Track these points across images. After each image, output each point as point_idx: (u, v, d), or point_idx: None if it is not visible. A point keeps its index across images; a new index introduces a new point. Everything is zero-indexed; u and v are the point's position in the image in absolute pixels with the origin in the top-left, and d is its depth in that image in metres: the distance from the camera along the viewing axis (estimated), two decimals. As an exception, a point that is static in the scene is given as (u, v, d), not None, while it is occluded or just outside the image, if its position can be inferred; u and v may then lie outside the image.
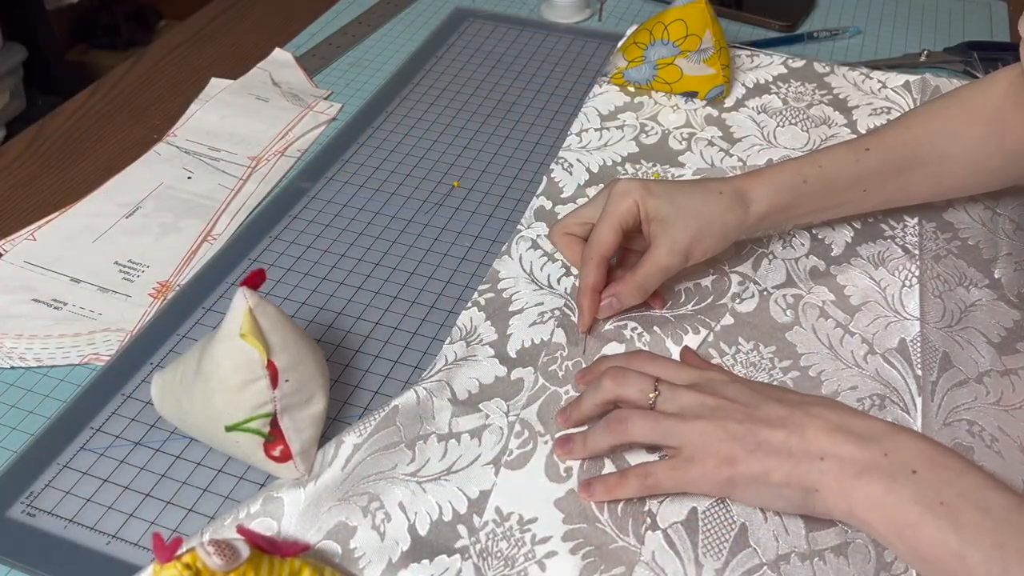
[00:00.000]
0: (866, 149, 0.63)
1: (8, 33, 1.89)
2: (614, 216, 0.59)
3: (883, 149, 0.63)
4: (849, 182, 0.63)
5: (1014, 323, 0.62)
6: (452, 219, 0.73)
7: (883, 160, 0.63)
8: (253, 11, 1.03)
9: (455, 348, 0.60)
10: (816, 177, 0.62)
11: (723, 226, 0.60)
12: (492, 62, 0.93)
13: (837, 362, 0.59)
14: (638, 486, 0.50)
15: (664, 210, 0.59)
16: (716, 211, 0.60)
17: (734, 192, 0.61)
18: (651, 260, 0.59)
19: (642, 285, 0.60)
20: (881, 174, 0.63)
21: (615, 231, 0.59)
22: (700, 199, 0.60)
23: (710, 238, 0.60)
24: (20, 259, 0.68)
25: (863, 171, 0.63)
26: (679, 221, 0.59)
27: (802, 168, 0.62)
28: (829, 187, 0.62)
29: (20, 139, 0.82)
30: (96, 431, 0.56)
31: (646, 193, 0.59)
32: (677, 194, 0.60)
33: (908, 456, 0.45)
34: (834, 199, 0.63)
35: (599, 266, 0.59)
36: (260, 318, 0.50)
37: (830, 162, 0.63)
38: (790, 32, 0.97)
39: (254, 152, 0.80)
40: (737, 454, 0.47)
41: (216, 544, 0.40)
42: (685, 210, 0.59)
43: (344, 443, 0.54)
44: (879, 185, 0.64)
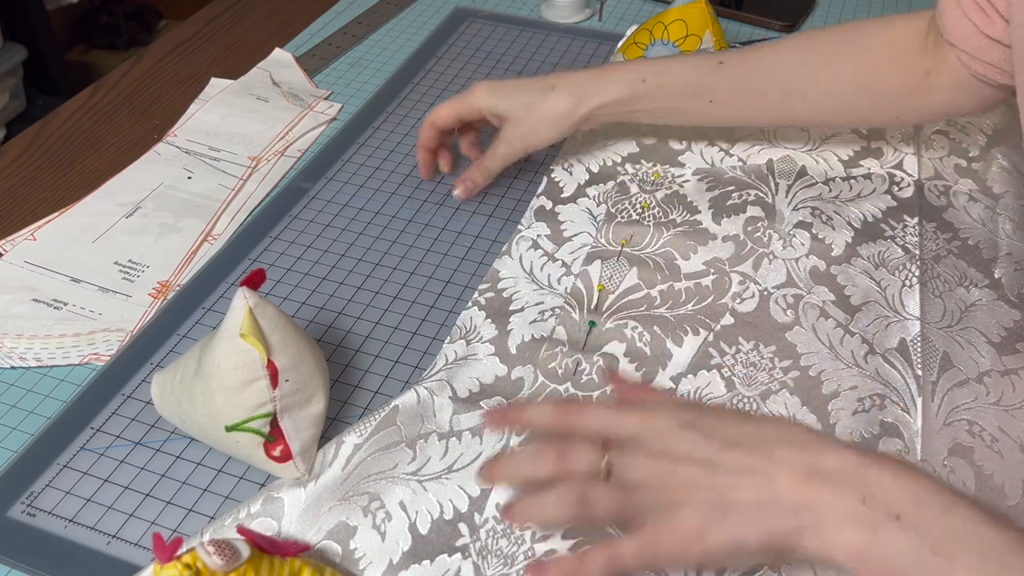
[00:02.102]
0: (720, 62, 0.67)
1: (8, 33, 1.89)
2: (455, 101, 0.71)
3: (736, 67, 0.67)
4: (694, 90, 0.67)
5: (1014, 323, 0.62)
6: (452, 219, 0.73)
7: (734, 75, 0.67)
8: (253, 11, 1.03)
9: (455, 347, 0.60)
10: (656, 80, 0.67)
11: (555, 116, 0.68)
12: (492, 62, 0.93)
13: (837, 362, 0.59)
14: (604, 568, 0.44)
15: (501, 106, 0.69)
16: (550, 105, 0.68)
17: (570, 85, 0.68)
18: (491, 149, 0.71)
19: (488, 168, 0.71)
20: (730, 89, 0.67)
21: (449, 110, 0.71)
22: (534, 95, 0.68)
23: (543, 128, 0.68)
24: (20, 259, 0.68)
25: (711, 83, 0.67)
26: (515, 115, 0.69)
27: (645, 69, 0.68)
28: (669, 89, 0.67)
29: (20, 139, 0.82)
30: (96, 431, 0.56)
31: (488, 91, 0.69)
32: (517, 91, 0.69)
33: (888, 497, 0.40)
34: (673, 102, 0.68)
35: (428, 129, 0.72)
36: (260, 318, 0.50)
37: (676, 67, 0.68)
38: (790, 32, 0.97)
39: (254, 152, 0.80)
40: (707, 527, 0.43)
41: (216, 544, 0.40)
42: (520, 105, 0.68)
43: (344, 443, 0.54)
44: (727, 99, 0.68)
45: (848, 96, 0.67)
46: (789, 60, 0.67)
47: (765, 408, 0.56)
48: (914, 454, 0.54)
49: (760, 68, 0.67)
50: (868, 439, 0.55)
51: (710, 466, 0.44)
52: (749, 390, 0.57)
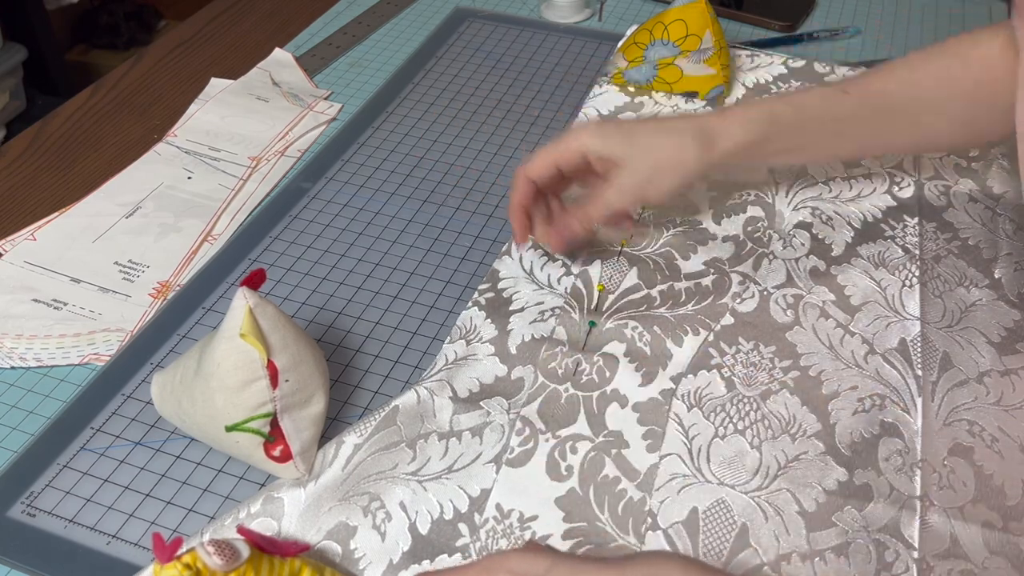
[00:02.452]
0: (844, 92, 0.62)
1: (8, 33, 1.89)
2: (553, 150, 0.59)
3: (861, 95, 0.62)
4: (823, 123, 0.61)
5: (1014, 323, 0.62)
6: (452, 219, 0.73)
7: (860, 105, 0.62)
8: (253, 11, 1.03)
9: (455, 347, 0.60)
10: (788, 116, 0.60)
11: (682, 165, 0.58)
12: (492, 62, 0.93)
13: (837, 362, 0.59)
14: None
15: (617, 151, 0.58)
16: (674, 150, 0.58)
17: (697, 130, 0.59)
18: (600, 196, 0.59)
19: (591, 219, 0.61)
20: (858, 119, 0.62)
21: (546, 160, 0.59)
22: (658, 139, 0.58)
23: (666, 178, 0.58)
24: (20, 259, 0.68)
25: (839, 113, 0.61)
26: (633, 162, 0.58)
27: (775, 105, 0.61)
28: (801, 127, 0.61)
29: (20, 139, 0.82)
30: (96, 431, 0.56)
31: (597, 134, 0.58)
32: (634, 134, 0.58)
33: None
34: (805, 139, 0.62)
35: (523, 186, 0.60)
36: (260, 318, 0.50)
37: (804, 101, 0.61)
38: (790, 32, 0.97)
39: (254, 152, 0.80)
40: None
41: (216, 544, 0.40)
42: (639, 150, 0.58)
43: (344, 443, 0.54)
44: (854, 130, 0.62)
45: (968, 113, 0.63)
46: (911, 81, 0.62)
47: (765, 408, 0.56)
48: (914, 454, 0.54)
49: (884, 94, 0.62)
50: (868, 439, 0.55)
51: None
52: (749, 390, 0.57)
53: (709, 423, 0.55)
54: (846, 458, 0.54)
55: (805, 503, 0.51)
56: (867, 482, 0.52)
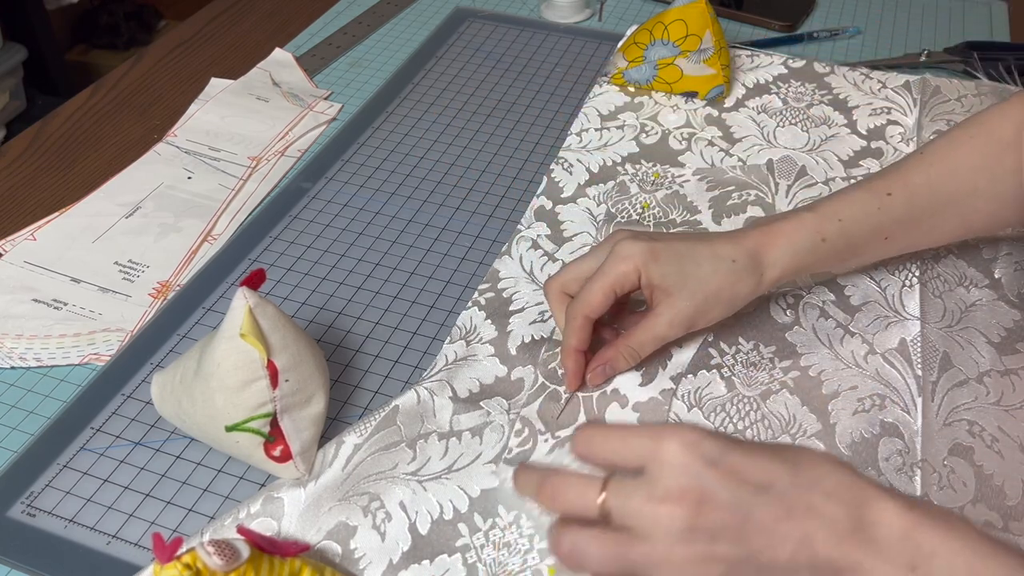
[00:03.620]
0: (888, 194, 0.58)
1: (8, 33, 1.89)
2: (608, 278, 0.55)
3: (906, 193, 0.59)
4: (871, 233, 0.58)
5: (1014, 323, 0.62)
6: (452, 219, 0.73)
7: (907, 205, 0.58)
8: (253, 11, 1.03)
9: (455, 347, 0.60)
10: (836, 234, 0.57)
11: (732, 296, 0.56)
12: (492, 62, 0.93)
13: (837, 362, 0.59)
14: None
15: (669, 279, 0.54)
16: (726, 282, 0.55)
17: (748, 258, 0.56)
18: (649, 328, 0.55)
19: (636, 352, 0.56)
20: (905, 221, 0.59)
21: (606, 294, 0.55)
22: (710, 268, 0.55)
23: (717, 309, 0.56)
24: (20, 259, 0.68)
25: (885, 220, 0.58)
26: (685, 292, 0.54)
27: (822, 225, 0.57)
28: (850, 242, 0.58)
29: (20, 139, 0.82)
30: (96, 431, 0.56)
31: (650, 259, 0.54)
32: (685, 261, 0.55)
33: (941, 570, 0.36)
34: (854, 252, 0.59)
35: (583, 328, 0.55)
36: (260, 318, 0.50)
37: (850, 214, 0.58)
38: (790, 32, 0.97)
39: (254, 152, 0.80)
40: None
41: (216, 544, 0.40)
42: (692, 280, 0.55)
43: (344, 443, 0.54)
44: (903, 232, 0.59)
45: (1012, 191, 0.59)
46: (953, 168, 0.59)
47: (765, 408, 0.56)
48: (914, 454, 0.54)
49: (929, 188, 0.59)
50: (868, 439, 0.55)
51: (737, 517, 0.37)
52: (749, 390, 0.57)
53: (709, 423, 0.55)
54: (846, 458, 0.54)
55: (805, 503, 0.51)
56: (867, 482, 0.52)
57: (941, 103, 0.82)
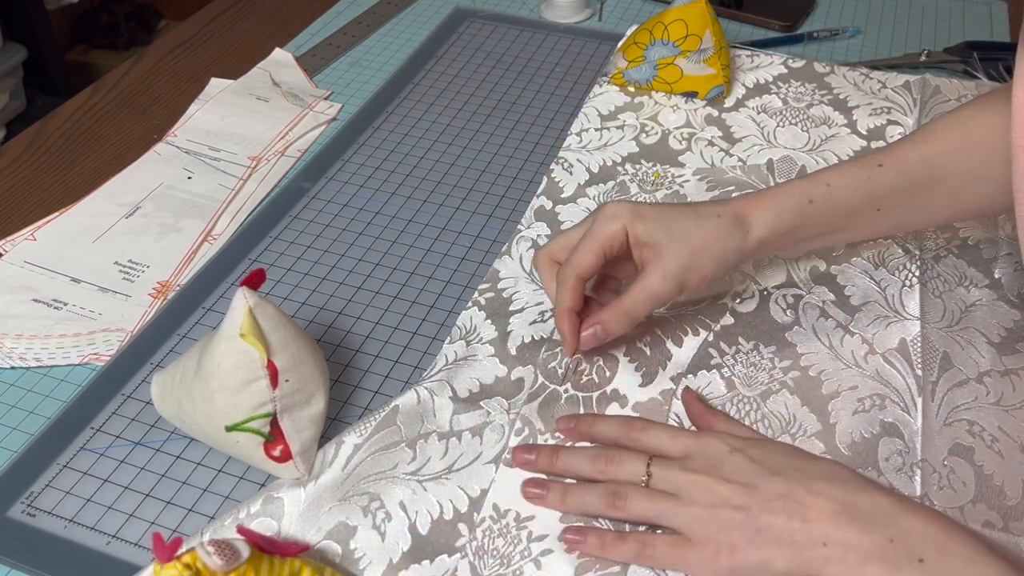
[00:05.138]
0: (879, 165, 0.58)
1: (8, 33, 1.89)
2: (597, 238, 0.55)
3: (898, 165, 0.59)
4: (860, 202, 0.58)
5: (1014, 323, 0.62)
6: (452, 219, 0.73)
7: (898, 177, 0.58)
8: (253, 11, 1.03)
9: (455, 348, 0.60)
10: (823, 197, 0.57)
11: (721, 251, 0.56)
12: (492, 62, 0.93)
13: (837, 362, 0.59)
14: (634, 554, 0.47)
15: (656, 235, 0.55)
16: (713, 235, 0.55)
17: (732, 215, 0.56)
18: (641, 287, 0.55)
19: (629, 313, 0.55)
20: (896, 193, 0.58)
21: (595, 253, 0.55)
22: (695, 223, 0.56)
23: (707, 264, 0.55)
24: (20, 259, 0.68)
25: (876, 189, 0.58)
26: (672, 246, 0.55)
27: (808, 188, 0.58)
28: (837, 208, 0.58)
29: (20, 139, 0.82)
30: (96, 431, 0.56)
31: (636, 216, 0.55)
32: (671, 218, 0.56)
33: (915, 542, 0.43)
34: (843, 220, 0.59)
35: (575, 288, 0.56)
36: (260, 318, 0.50)
37: (839, 181, 0.58)
38: (790, 32, 0.97)
39: (254, 152, 0.80)
40: (736, 542, 0.45)
41: (216, 544, 0.40)
42: (680, 235, 0.55)
43: (344, 443, 0.54)
44: (893, 205, 0.59)
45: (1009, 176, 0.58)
46: (948, 146, 0.59)
47: (765, 408, 0.56)
48: (914, 454, 0.54)
49: (923, 162, 0.59)
50: (868, 439, 0.55)
51: (748, 489, 0.46)
52: (749, 390, 0.57)
53: (709, 423, 0.55)
54: (846, 458, 0.54)
55: (805, 503, 0.51)
56: (867, 482, 0.52)
57: (941, 103, 0.82)
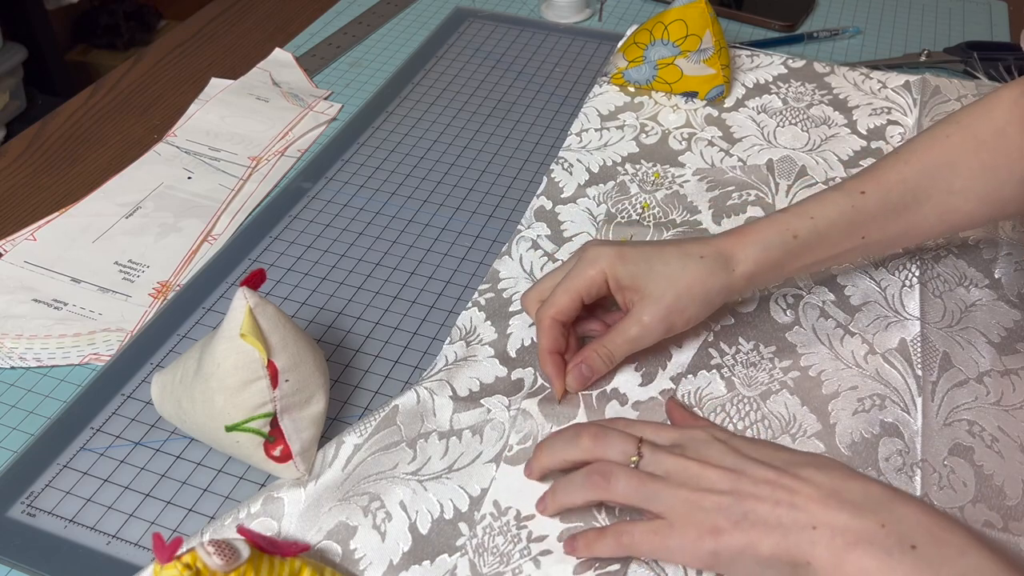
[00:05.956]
0: (861, 192, 0.58)
1: (8, 33, 1.89)
2: (574, 283, 0.56)
3: (880, 190, 0.58)
4: (845, 231, 0.58)
5: (1014, 323, 0.62)
6: (452, 219, 0.73)
7: (881, 202, 0.58)
8: (253, 11, 1.03)
9: (455, 348, 0.60)
10: (808, 230, 0.57)
11: (705, 292, 0.55)
12: (492, 62, 0.93)
13: (837, 362, 0.59)
14: (614, 545, 0.47)
15: (639, 279, 0.55)
16: (697, 277, 0.55)
17: (716, 255, 0.56)
18: (621, 330, 0.56)
19: (613, 353, 0.56)
20: (880, 218, 0.58)
21: (571, 296, 0.55)
22: (679, 264, 0.55)
23: (692, 307, 0.55)
24: (20, 259, 0.68)
25: (860, 217, 0.58)
26: (656, 290, 0.55)
27: (791, 222, 0.57)
28: (823, 239, 0.57)
29: (20, 139, 0.82)
30: (96, 431, 0.56)
31: (617, 260, 0.55)
32: (654, 260, 0.55)
33: (907, 528, 0.42)
34: (830, 251, 0.58)
35: (551, 328, 0.56)
36: (260, 318, 0.50)
37: (822, 212, 0.57)
38: (790, 32, 0.97)
39: (254, 152, 0.80)
40: (721, 525, 0.44)
41: (216, 544, 0.40)
42: (663, 278, 0.55)
43: (344, 443, 0.54)
44: (879, 230, 0.59)
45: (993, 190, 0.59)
46: (929, 166, 0.59)
47: (765, 408, 0.56)
48: (914, 454, 0.54)
49: (904, 184, 0.58)
50: (868, 439, 0.55)
51: (735, 474, 0.46)
52: (749, 390, 0.57)
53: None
54: (846, 458, 0.54)
55: (805, 503, 0.51)
56: (867, 482, 0.52)
57: (941, 103, 0.82)
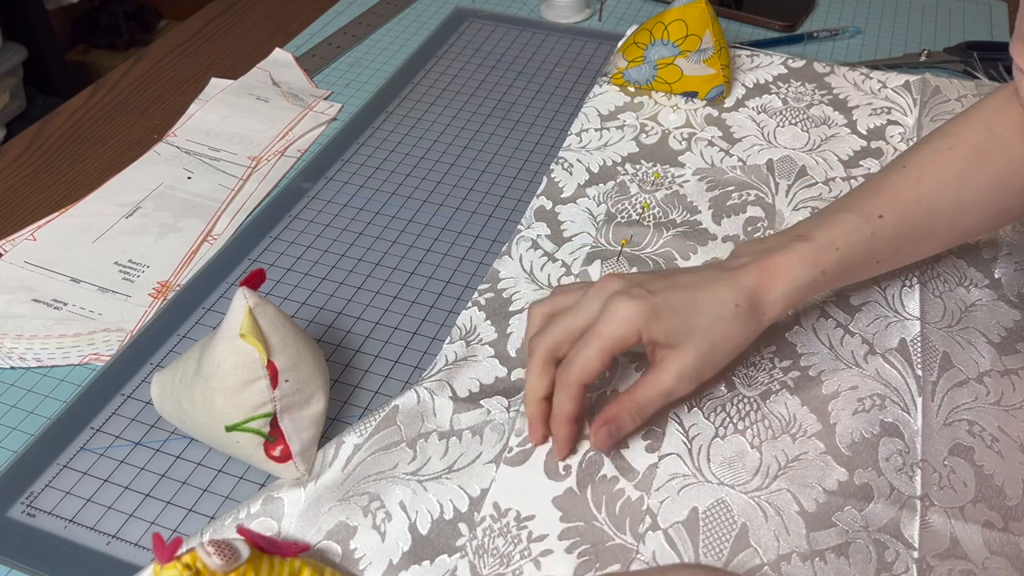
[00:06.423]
0: (879, 216, 0.57)
1: (8, 33, 1.89)
2: (607, 342, 0.51)
3: (897, 213, 0.58)
4: (865, 259, 0.57)
5: (1014, 323, 0.62)
6: (452, 219, 0.73)
7: (897, 226, 0.58)
8: (253, 11, 1.03)
9: (455, 348, 0.60)
10: (834, 264, 0.56)
11: (737, 345, 0.54)
12: (492, 62, 0.93)
13: (837, 362, 0.59)
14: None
15: (674, 335, 0.51)
16: (732, 328, 0.53)
17: (749, 302, 0.53)
18: (655, 383, 0.52)
19: (644, 408, 0.52)
20: (895, 242, 0.58)
21: (604, 359, 0.51)
22: (714, 315, 0.53)
23: (724, 359, 0.54)
24: (20, 259, 0.68)
25: (878, 244, 0.57)
26: (691, 345, 0.52)
27: (819, 256, 0.55)
28: (845, 270, 0.57)
29: (20, 139, 0.82)
30: (96, 431, 0.56)
31: (652, 318, 0.51)
32: (689, 313, 0.52)
33: None
34: (847, 280, 0.58)
35: (579, 396, 0.51)
36: (260, 318, 0.50)
37: (846, 242, 0.56)
38: (790, 32, 0.97)
39: (254, 152, 0.80)
40: None
41: (216, 544, 0.40)
42: (698, 331, 0.52)
43: (344, 443, 0.54)
44: (893, 254, 0.59)
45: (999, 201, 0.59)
46: (943, 186, 0.58)
47: (765, 408, 0.56)
48: (914, 454, 0.54)
49: (919, 205, 0.58)
50: (868, 439, 0.55)
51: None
52: (749, 390, 0.57)
53: (709, 423, 0.55)
54: (846, 458, 0.54)
55: (805, 503, 0.51)
56: (867, 482, 0.52)
57: (941, 103, 0.82)
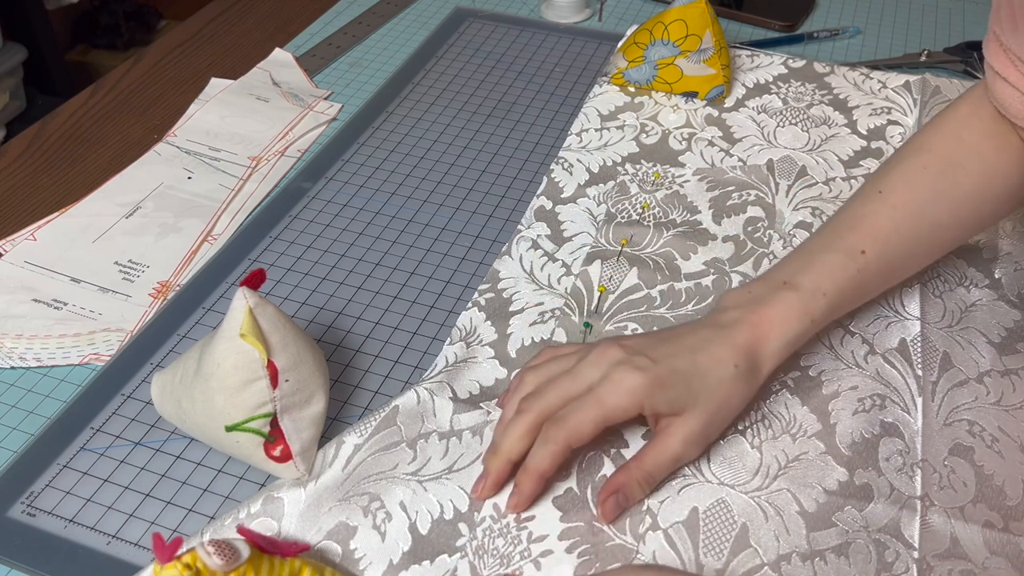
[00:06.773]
0: (862, 252, 0.57)
1: (8, 33, 1.89)
2: (608, 410, 0.50)
3: (878, 246, 0.58)
4: (852, 297, 0.58)
5: (1014, 323, 0.62)
6: (452, 219, 0.73)
7: (880, 258, 0.58)
8: (253, 11, 1.03)
9: (455, 349, 0.60)
10: (822, 310, 0.56)
11: (740, 401, 0.53)
12: (492, 62, 0.93)
13: (837, 362, 0.59)
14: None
15: (678, 403, 0.51)
16: (733, 389, 0.53)
17: (747, 361, 0.53)
18: (663, 451, 0.51)
19: (653, 476, 0.51)
20: (880, 274, 0.58)
21: (598, 425, 0.50)
22: (716, 377, 0.52)
23: (728, 417, 0.54)
24: (20, 259, 0.68)
25: (864, 279, 0.58)
26: (695, 411, 0.51)
27: (808, 304, 0.55)
28: (834, 311, 0.57)
29: (20, 139, 0.82)
30: (96, 431, 0.56)
31: (657, 390, 0.50)
32: (692, 379, 0.51)
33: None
34: (836, 317, 0.58)
35: (561, 456, 0.50)
36: (260, 318, 0.50)
37: (833, 286, 0.56)
38: (790, 32, 0.97)
39: (254, 152, 0.80)
40: None
41: (216, 544, 0.40)
42: (702, 396, 0.51)
43: (345, 443, 0.54)
44: (878, 287, 0.60)
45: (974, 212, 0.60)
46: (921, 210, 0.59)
47: (765, 408, 0.56)
48: (914, 454, 0.54)
49: (898, 234, 0.58)
50: (868, 439, 0.55)
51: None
52: (749, 390, 0.57)
53: (709, 423, 0.55)
54: (846, 458, 0.54)
55: (805, 503, 0.51)
56: (867, 482, 0.52)
57: (941, 103, 0.82)
